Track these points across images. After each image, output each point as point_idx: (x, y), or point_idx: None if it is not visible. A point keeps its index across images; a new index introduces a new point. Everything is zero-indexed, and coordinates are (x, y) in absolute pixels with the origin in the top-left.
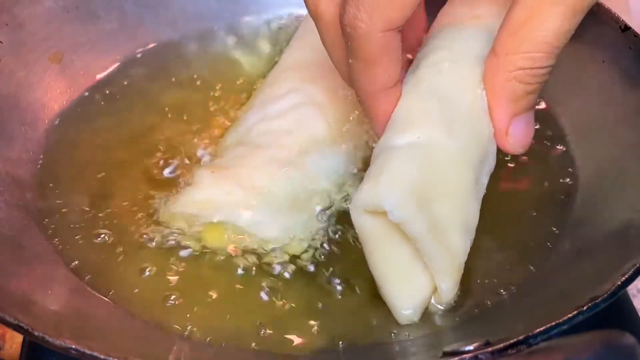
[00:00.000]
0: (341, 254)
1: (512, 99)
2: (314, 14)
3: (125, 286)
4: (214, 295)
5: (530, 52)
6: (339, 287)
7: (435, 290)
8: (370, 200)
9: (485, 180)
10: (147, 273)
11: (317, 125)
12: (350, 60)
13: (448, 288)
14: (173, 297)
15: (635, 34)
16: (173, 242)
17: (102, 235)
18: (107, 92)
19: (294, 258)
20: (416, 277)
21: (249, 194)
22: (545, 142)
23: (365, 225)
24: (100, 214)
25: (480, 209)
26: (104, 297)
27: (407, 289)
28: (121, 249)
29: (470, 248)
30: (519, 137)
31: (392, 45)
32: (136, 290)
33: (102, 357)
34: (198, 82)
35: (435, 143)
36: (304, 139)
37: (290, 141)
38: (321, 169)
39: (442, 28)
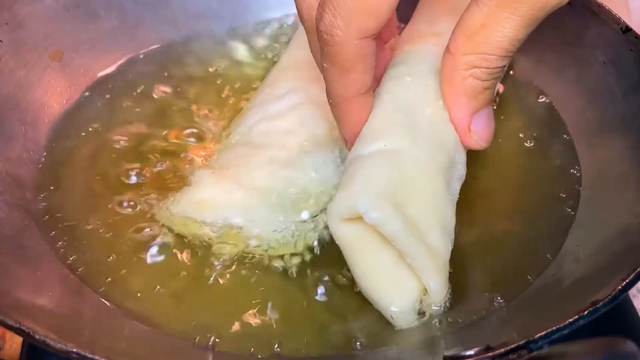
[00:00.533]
0: (339, 254)
1: (471, 95)
2: (299, 15)
3: (124, 287)
4: (215, 296)
5: (485, 54)
6: (337, 289)
7: (424, 291)
8: (344, 206)
9: (457, 186)
10: (147, 276)
11: (318, 125)
12: (324, 65)
13: (437, 287)
14: (174, 298)
15: (636, 36)
16: (173, 242)
17: (103, 236)
18: (108, 90)
19: (293, 257)
20: (403, 281)
21: (248, 194)
22: (545, 144)
23: (344, 234)
24: (100, 214)
25: (479, 214)
26: (104, 298)
27: (396, 293)
28: (121, 250)
29: (468, 254)
30: (481, 132)
31: (366, 53)
32: (137, 292)
33: None
34: (199, 82)
35: (401, 150)
36: (304, 139)
37: (290, 141)
38: (321, 169)
39: (405, 45)
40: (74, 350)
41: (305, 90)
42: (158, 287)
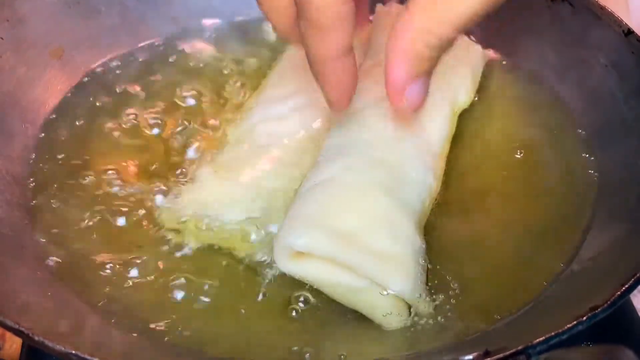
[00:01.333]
0: None
1: (415, 60)
2: None
3: (122, 290)
4: (213, 299)
5: (444, 23)
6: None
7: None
8: (279, 246)
9: (414, 192)
10: (147, 276)
11: (320, 128)
12: (302, 25)
13: (397, 286)
14: (174, 299)
15: (638, 39)
16: (174, 241)
17: (101, 236)
18: (109, 87)
19: None
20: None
21: (252, 194)
22: (546, 147)
23: (298, 269)
24: (100, 213)
25: (476, 219)
26: (102, 300)
27: (379, 301)
28: (120, 251)
29: (465, 259)
30: (414, 99)
31: (346, 13)
32: (135, 292)
33: None
34: (201, 77)
35: (334, 176)
36: (307, 141)
37: (293, 142)
38: None
39: None
40: (73, 352)
41: (308, 92)
42: (158, 285)
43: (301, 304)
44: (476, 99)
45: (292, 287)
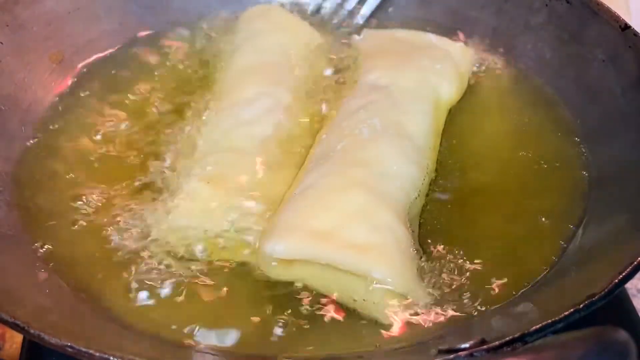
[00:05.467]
0: None
1: None
2: None
3: (121, 293)
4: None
5: None
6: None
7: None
8: (262, 257)
9: (392, 185)
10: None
11: (291, 127)
12: None
13: (380, 276)
14: (162, 302)
15: (635, 33)
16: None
17: (96, 237)
18: (108, 92)
19: None
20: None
21: (253, 202)
22: (545, 142)
23: (291, 275)
24: (96, 216)
25: (477, 211)
26: (99, 300)
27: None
28: (118, 255)
29: (465, 250)
30: None
31: None
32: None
33: (97, 355)
34: (200, 81)
35: (313, 182)
36: (284, 141)
37: (272, 145)
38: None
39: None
40: (69, 344)
41: (273, 93)
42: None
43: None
44: (472, 94)
45: None
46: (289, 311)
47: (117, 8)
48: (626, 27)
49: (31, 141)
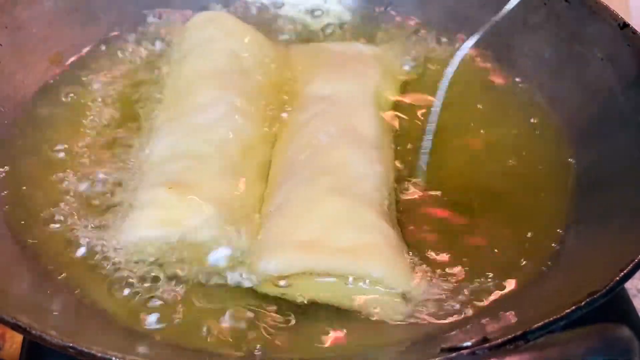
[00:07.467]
0: None
1: None
2: None
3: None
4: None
5: None
6: None
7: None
8: (259, 277)
9: (370, 189)
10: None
11: (248, 130)
12: None
13: (378, 274)
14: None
15: (633, 31)
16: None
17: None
18: (107, 92)
19: None
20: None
21: (217, 208)
22: (545, 140)
23: (290, 290)
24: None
25: (477, 208)
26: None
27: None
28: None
29: (465, 247)
30: None
31: None
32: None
33: (99, 355)
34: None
35: (289, 198)
36: (243, 145)
37: (232, 149)
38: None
39: None
40: (70, 344)
41: (226, 97)
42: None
43: None
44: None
45: None
46: (289, 311)
47: (115, 8)
48: (625, 25)
49: (29, 142)
